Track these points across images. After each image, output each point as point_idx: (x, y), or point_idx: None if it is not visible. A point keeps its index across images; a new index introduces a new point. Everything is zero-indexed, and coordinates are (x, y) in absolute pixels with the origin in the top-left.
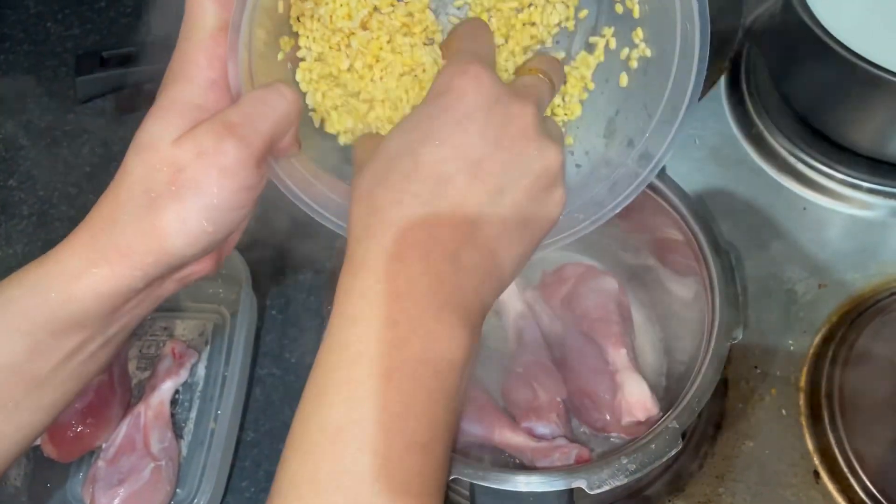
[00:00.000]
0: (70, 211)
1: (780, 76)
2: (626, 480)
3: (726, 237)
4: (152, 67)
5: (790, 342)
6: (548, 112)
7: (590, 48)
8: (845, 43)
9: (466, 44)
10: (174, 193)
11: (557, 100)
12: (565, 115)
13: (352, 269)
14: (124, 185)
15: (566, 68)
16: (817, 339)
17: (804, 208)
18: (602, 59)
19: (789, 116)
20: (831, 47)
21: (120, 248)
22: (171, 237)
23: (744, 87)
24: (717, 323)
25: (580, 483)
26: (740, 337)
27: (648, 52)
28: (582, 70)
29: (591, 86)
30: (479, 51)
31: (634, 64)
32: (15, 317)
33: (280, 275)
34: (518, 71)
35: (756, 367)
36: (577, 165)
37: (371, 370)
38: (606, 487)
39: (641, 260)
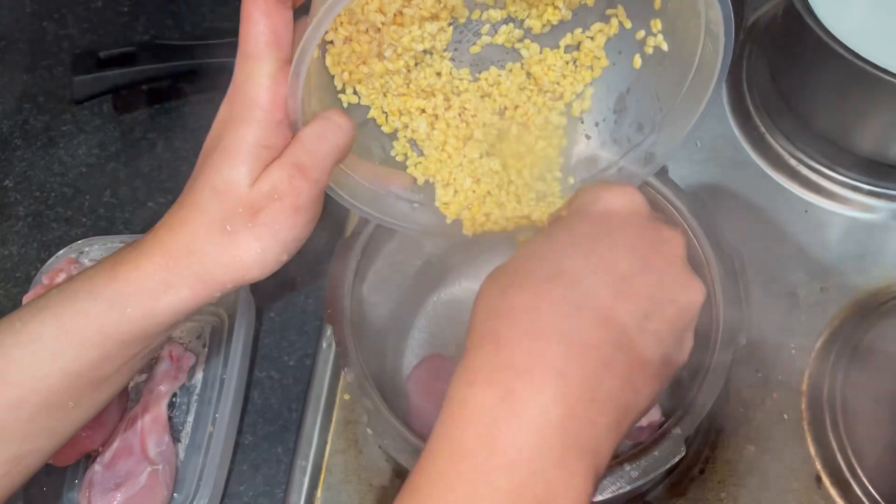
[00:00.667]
0: (66, 212)
1: (781, 78)
2: (628, 487)
3: (727, 240)
4: (150, 67)
5: (792, 346)
6: (558, 82)
7: (605, 20)
8: (848, 44)
9: None
10: (252, 231)
11: (569, 66)
12: (573, 82)
13: (467, 376)
14: (201, 220)
15: (579, 34)
16: (819, 343)
17: (805, 211)
18: (615, 31)
19: (791, 118)
20: (834, 49)
21: (200, 275)
22: (252, 268)
23: (745, 88)
24: (721, 328)
25: None
26: (744, 342)
27: (665, 46)
28: (597, 39)
29: (605, 60)
30: None
31: (649, 50)
32: (88, 329)
33: (278, 277)
34: None
35: (757, 371)
36: (587, 136)
37: None
38: (609, 494)
39: None
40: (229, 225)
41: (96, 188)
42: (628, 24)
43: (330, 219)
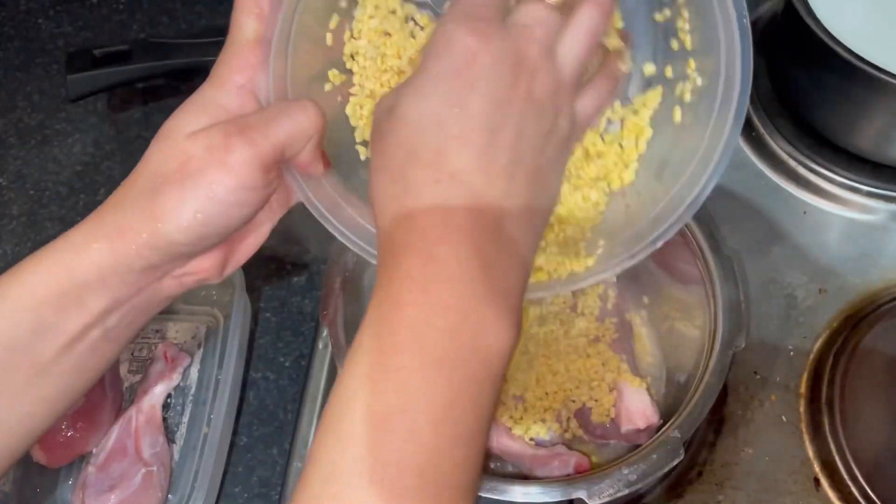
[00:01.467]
0: (61, 210)
1: (780, 78)
2: (626, 491)
3: (726, 241)
4: (145, 66)
5: (790, 348)
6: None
7: (647, 86)
8: (847, 45)
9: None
10: (177, 181)
11: (615, 147)
12: (618, 162)
13: (392, 249)
14: (139, 171)
15: (624, 112)
16: (818, 345)
17: (804, 212)
18: (658, 101)
19: (790, 119)
20: (833, 49)
21: (120, 226)
22: (164, 220)
23: None
24: (719, 330)
25: (580, 494)
26: (743, 345)
27: (699, 81)
28: (642, 113)
29: (649, 130)
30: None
31: (688, 97)
32: (22, 294)
33: (274, 277)
34: None
35: (756, 373)
36: (627, 206)
37: (423, 358)
38: (607, 497)
39: (641, 266)
40: (160, 172)
41: (91, 187)
42: (670, 73)
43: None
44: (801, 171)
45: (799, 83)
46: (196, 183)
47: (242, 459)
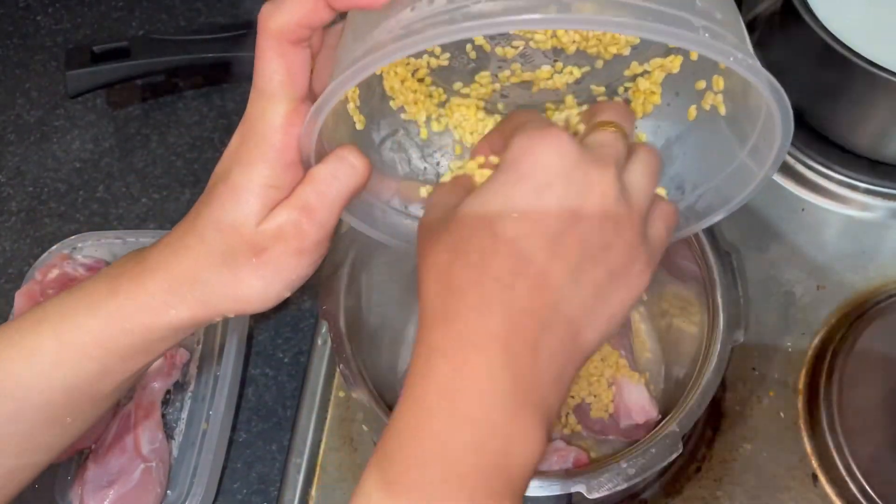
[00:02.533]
0: (60, 207)
1: (778, 76)
2: (625, 485)
3: (724, 238)
4: (144, 62)
5: (788, 344)
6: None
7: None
8: (846, 42)
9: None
10: (256, 270)
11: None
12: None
13: (427, 351)
14: (204, 252)
15: (636, 67)
16: (816, 342)
17: (803, 209)
18: (676, 70)
19: None
20: (831, 46)
21: (201, 301)
22: (253, 303)
23: None
24: (718, 325)
25: (579, 488)
26: (742, 340)
27: (722, 109)
28: (655, 75)
29: (658, 97)
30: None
31: (707, 106)
32: (87, 343)
33: None
34: (590, 126)
35: (754, 369)
36: None
37: (446, 473)
38: (606, 492)
39: None
40: (232, 261)
41: (90, 183)
42: (694, 56)
43: None
44: (800, 168)
45: (797, 81)
46: (278, 271)
47: (241, 455)
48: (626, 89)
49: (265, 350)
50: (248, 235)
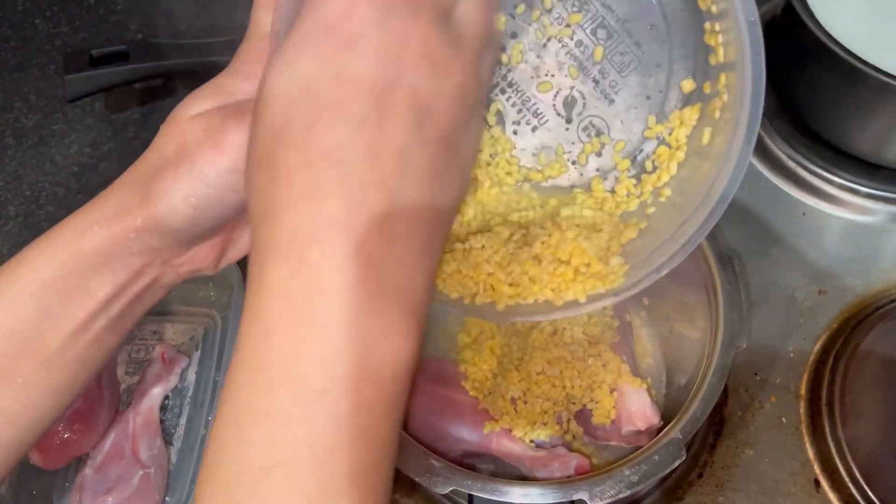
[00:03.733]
0: (58, 211)
1: (779, 79)
2: (628, 492)
3: (727, 242)
4: (142, 66)
5: (790, 349)
6: (639, 190)
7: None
8: (847, 46)
9: None
10: (173, 164)
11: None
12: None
13: (259, 255)
14: (145, 155)
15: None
16: (817, 346)
17: (804, 213)
18: (698, 114)
19: (788, 120)
20: (832, 50)
21: (118, 209)
22: (156, 203)
23: None
24: (720, 331)
25: (582, 495)
26: (744, 345)
27: (725, 97)
28: (679, 132)
29: (682, 156)
30: None
31: (717, 115)
32: (27, 278)
33: None
34: None
35: (756, 375)
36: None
37: (297, 396)
38: (609, 499)
39: None
40: (162, 155)
41: (88, 188)
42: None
43: None
44: (801, 172)
45: (798, 84)
46: (190, 166)
47: None
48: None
49: None
50: (182, 122)
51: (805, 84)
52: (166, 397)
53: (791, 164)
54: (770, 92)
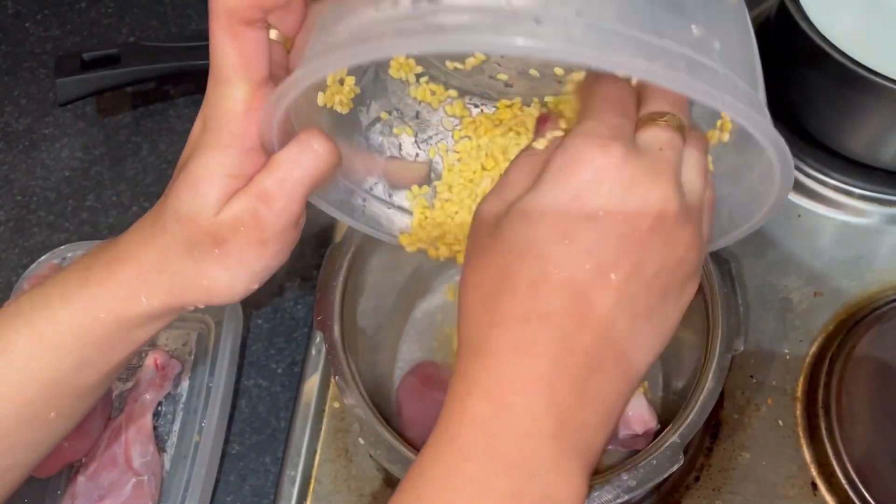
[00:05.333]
0: (49, 216)
1: (773, 81)
2: (626, 497)
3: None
4: (134, 70)
5: (786, 351)
6: None
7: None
8: (841, 48)
9: (609, 112)
10: (220, 260)
11: None
12: None
13: (465, 385)
14: (168, 242)
15: None
16: (814, 349)
17: (799, 215)
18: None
19: (783, 122)
20: (826, 52)
21: (171, 290)
22: (221, 295)
23: None
24: (717, 334)
25: None
26: (742, 349)
27: (725, 138)
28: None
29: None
30: (623, 124)
31: (726, 137)
32: (65, 337)
33: (266, 283)
34: (641, 119)
35: (752, 377)
36: None
37: None
38: None
39: None
40: (195, 252)
41: (80, 192)
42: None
43: (318, 225)
44: (795, 174)
45: (791, 86)
46: (240, 263)
47: (234, 468)
48: None
49: (258, 360)
50: (207, 226)
51: (799, 86)
52: (159, 403)
53: None
54: (764, 94)
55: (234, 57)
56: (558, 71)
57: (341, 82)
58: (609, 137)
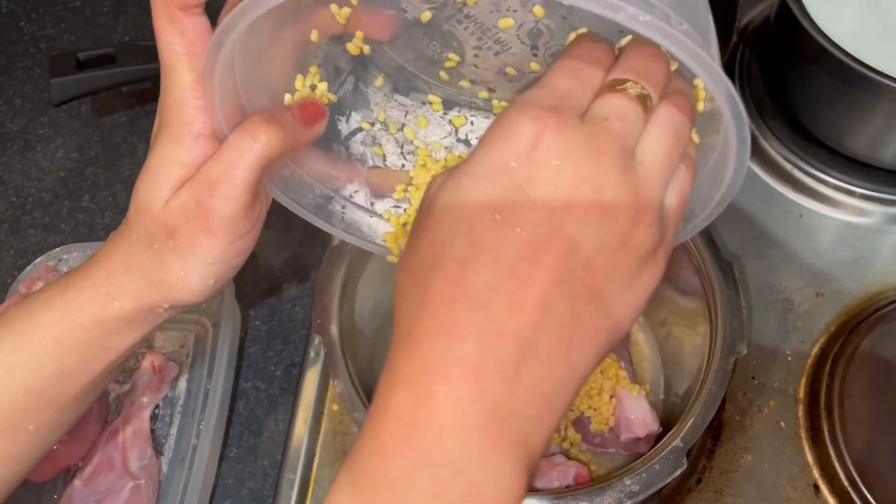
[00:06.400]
0: (44, 217)
1: (774, 80)
2: (629, 502)
3: (725, 246)
4: (130, 69)
5: (788, 352)
6: None
7: None
8: (842, 46)
9: (562, 78)
10: (174, 251)
11: None
12: None
13: (390, 376)
14: (132, 237)
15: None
16: (815, 350)
17: (800, 215)
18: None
19: (784, 121)
20: (828, 51)
21: (139, 289)
22: (179, 292)
23: (738, 91)
24: (720, 337)
25: None
26: (745, 352)
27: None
28: None
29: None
30: (573, 92)
31: (701, 107)
32: (44, 341)
33: (264, 284)
34: (603, 85)
35: (754, 378)
36: None
37: None
38: None
39: None
40: (154, 244)
41: (75, 193)
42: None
43: (315, 227)
44: (797, 173)
45: (793, 85)
46: (193, 254)
47: (232, 471)
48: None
49: (256, 363)
50: (158, 215)
51: (800, 85)
52: (156, 406)
53: (787, 166)
54: (765, 93)
55: (176, 45)
56: (534, 66)
57: (313, 88)
58: (548, 107)
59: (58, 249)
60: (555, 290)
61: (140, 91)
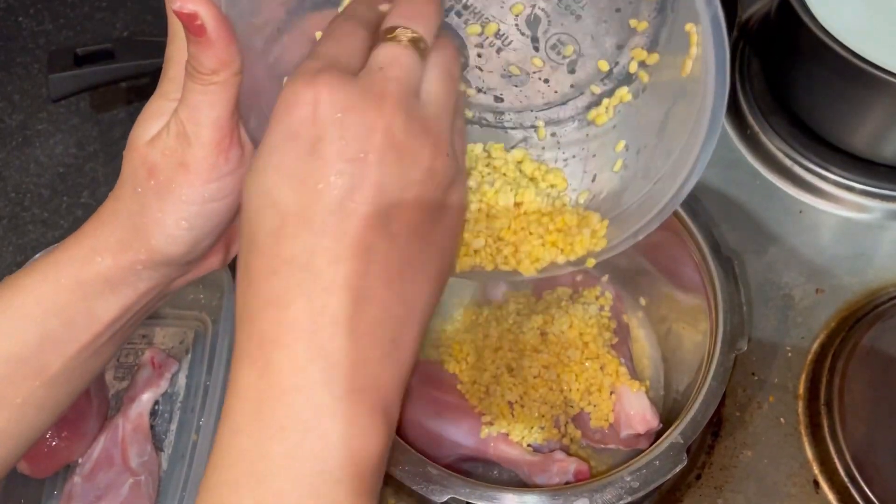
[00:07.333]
0: (43, 213)
1: (775, 76)
2: (629, 498)
3: (725, 242)
4: (128, 65)
5: (788, 348)
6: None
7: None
8: (843, 42)
9: (327, 43)
10: (155, 191)
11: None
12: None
13: (236, 356)
14: (120, 182)
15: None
16: (815, 346)
17: (800, 211)
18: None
19: (784, 117)
20: (829, 46)
21: (119, 242)
22: (154, 235)
23: (738, 87)
24: (720, 334)
25: (582, 502)
26: (745, 348)
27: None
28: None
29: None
30: (340, 52)
31: (694, 52)
32: (26, 304)
33: None
34: (375, 39)
35: (753, 375)
36: (619, 169)
37: (259, 497)
38: None
39: (638, 265)
40: (138, 186)
41: (74, 189)
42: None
43: None
44: (797, 169)
45: (794, 81)
46: (169, 193)
47: None
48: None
49: None
50: (142, 151)
51: (801, 81)
52: (156, 403)
53: (787, 162)
54: (766, 89)
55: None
56: (537, 62)
57: None
58: (318, 70)
59: (56, 245)
60: (373, 235)
61: (139, 86)
